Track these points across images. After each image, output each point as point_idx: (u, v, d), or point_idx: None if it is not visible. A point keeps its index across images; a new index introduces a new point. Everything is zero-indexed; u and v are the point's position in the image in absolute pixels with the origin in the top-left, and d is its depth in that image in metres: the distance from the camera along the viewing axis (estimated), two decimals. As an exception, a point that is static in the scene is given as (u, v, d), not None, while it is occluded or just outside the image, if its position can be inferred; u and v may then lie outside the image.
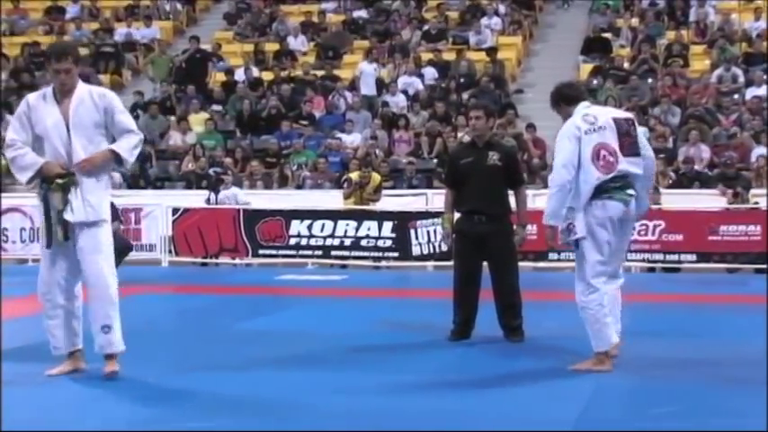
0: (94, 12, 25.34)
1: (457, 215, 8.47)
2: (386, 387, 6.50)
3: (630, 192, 6.92)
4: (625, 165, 6.87)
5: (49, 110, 6.59)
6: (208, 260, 15.99)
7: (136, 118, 20.33)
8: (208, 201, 16.38)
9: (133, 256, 14.19)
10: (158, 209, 15.98)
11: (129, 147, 6.68)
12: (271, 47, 22.90)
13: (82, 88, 6.65)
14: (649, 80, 19.91)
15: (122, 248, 13.60)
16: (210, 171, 18.12)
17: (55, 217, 6.54)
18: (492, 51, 21.05)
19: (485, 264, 8.31)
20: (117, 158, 6.73)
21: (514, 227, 8.34)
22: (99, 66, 22.89)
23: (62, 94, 6.60)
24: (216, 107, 20.70)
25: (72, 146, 6.52)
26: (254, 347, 8.13)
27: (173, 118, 20.46)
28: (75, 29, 24.31)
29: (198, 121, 20.04)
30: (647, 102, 19.06)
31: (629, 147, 6.93)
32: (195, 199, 16.75)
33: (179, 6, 25.38)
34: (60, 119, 6.55)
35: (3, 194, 17.96)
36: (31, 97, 6.72)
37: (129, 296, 11.95)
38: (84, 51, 23.27)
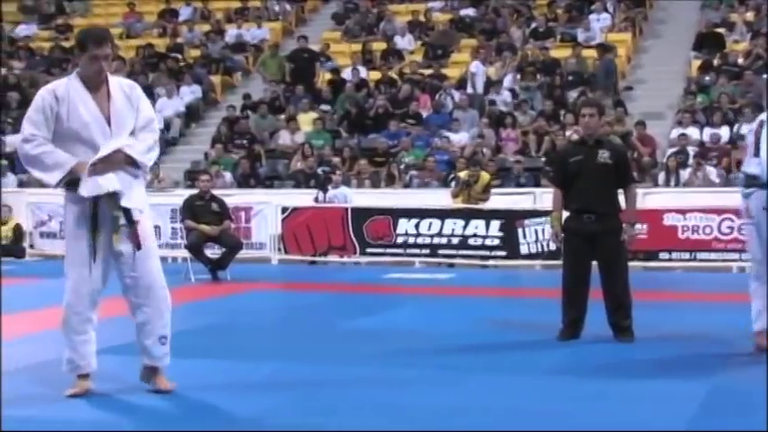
0: (206, 13, 25.83)
1: (565, 214, 8.39)
2: (494, 387, 6.47)
3: None
4: None
5: (84, 102, 5.84)
6: (316, 258, 16.14)
7: (245, 118, 20.71)
8: (316, 199, 16.53)
9: (243, 254, 14.43)
10: (268, 207, 16.19)
11: (143, 149, 6.00)
12: (378, 46, 23.01)
13: (113, 79, 5.97)
14: (764, 76, 19.39)
15: (233, 246, 13.88)
16: (319, 170, 18.29)
17: (113, 223, 5.90)
18: (602, 48, 20.77)
19: (594, 263, 8.21)
20: (132, 162, 5.99)
21: (623, 226, 8.22)
22: (210, 67, 23.31)
23: (95, 84, 5.87)
24: (324, 107, 20.90)
25: (107, 145, 5.87)
26: (363, 345, 8.19)
27: (282, 117, 20.72)
28: (188, 30, 24.82)
29: (306, 120, 20.25)
30: (764, 98, 18.57)
31: None
32: (304, 198, 16.92)
33: (288, 7, 25.68)
34: (98, 112, 5.85)
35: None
36: (58, 88, 5.87)
37: (239, 293, 12.23)
38: (195, 53, 23.80)
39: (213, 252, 14.05)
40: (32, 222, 17.15)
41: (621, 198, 8.31)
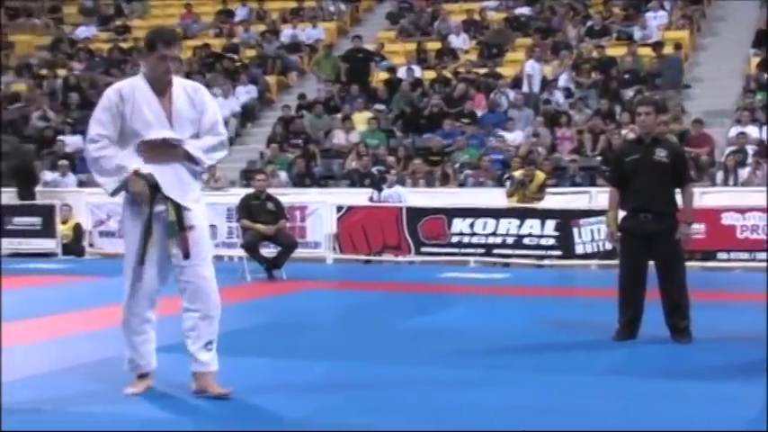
0: (262, 14, 25.98)
1: (622, 213, 8.32)
2: (552, 387, 6.44)
3: None
4: None
5: (148, 102, 5.79)
6: (371, 257, 16.16)
7: (301, 117, 20.81)
8: (371, 199, 16.56)
9: (298, 253, 14.50)
10: (323, 207, 16.25)
11: (205, 147, 5.90)
12: (433, 45, 23.00)
13: (177, 80, 5.91)
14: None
15: (288, 245, 13.95)
16: (374, 169, 18.32)
17: (169, 228, 5.83)
18: (658, 46, 20.57)
19: (651, 263, 8.14)
20: (191, 159, 5.90)
21: (680, 225, 8.13)
22: (265, 67, 23.46)
23: (161, 85, 5.81)
24: (379, 106, 20.92)
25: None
26: (419, 344, 8.19)
27: (337, 117, 20.78)
28: (244, 31, 24.99)
29: (361, 119, 20.29)
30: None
31: None
32: (359, 197, 16.96)
33: (343, 7, 25.75)
34: (162, 113, 5.79)
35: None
36: (124, 87, 5.85)
37: (294, 292, 12.29)
38: (251, 53, 23.96)
39: (269, 251, 14.13)
40: (92, 222, 17.38)
41: (679, 197, 8.22)
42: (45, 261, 16.58)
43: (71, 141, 21.32)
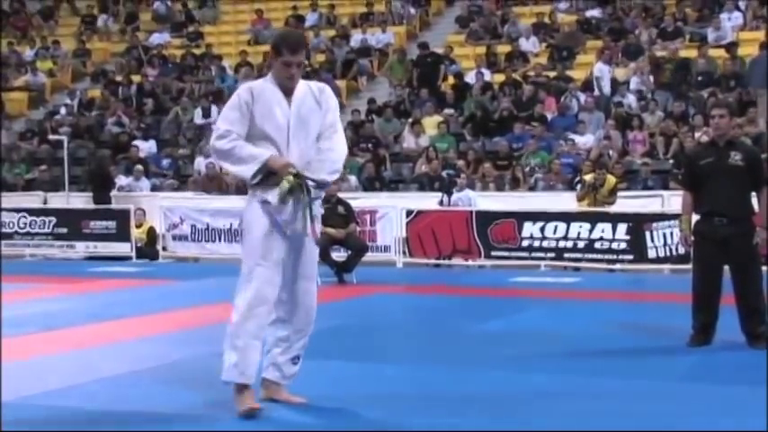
0: (332, 19, 26.12)
1: (695, 217, 8.20)
2: (625, 391, 6.38)
3: None
4: None
5: (279, 104, 5.71)
6: (441, 261, 16.13)
7: (370, 122, 20.88)
8: (441, 202, 16.54)
9: (369, 257, 14.52)
10: (393, 211, 16.26)
11: (329, 169, 5.80)
12: (502, 49, 22.91)
13: (302, 82, 5.83)
14: None
15: (359, 249, 13.99)
16: (443, 173, 18.29)
17: (305, 213, 5.69)
18: (732, 47, 20.24)
19: (726, 267, 8.01)
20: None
21: (756, 229, 7.99)
22: (335, 71, 23.57)
23: (286, 89, 5.74)
24: (448, 110, 20.90)
25: (289, 149, 5.69)
26: (493, 348, 8.16)
27: (406, 121, 20.80)
28: (314, 36, 25.14)
29: (431, 123, 20.29)
30: None
31: None
32: (429, 201, 16.93)
33: (412, 11, 25.77)
34: (290, 115, 5.72)
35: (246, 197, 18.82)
36: (255, 87, 5.76)
37: (365, 296, 12.31)
38: (321, 58, 24.10)
39: (339, 255, 14.18)
40: (165, 225, 17.60)
41: (755, 201, 8.09)
42: (120, 264, 16.83)
43: (145, 146, 21.65)
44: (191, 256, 17.61)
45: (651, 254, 14.72)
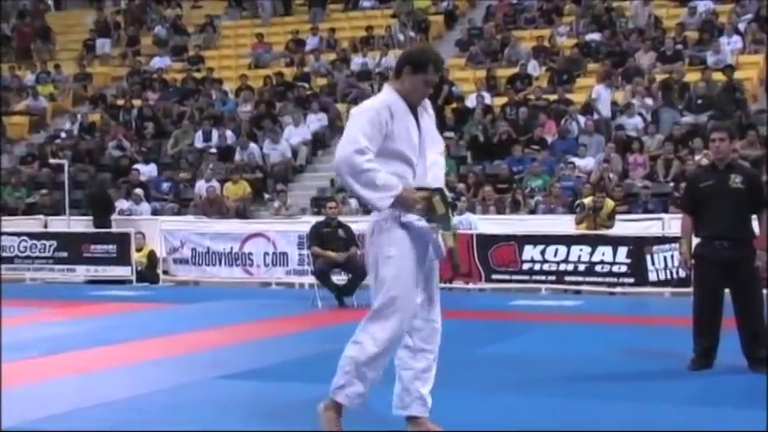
0: (332, 43, 26.21)
1: (696, 240, 8.22)
2: (626, 416, 6.38)
3: None
4: None
5: (410, 122, 5.57)
6: (441, 285, 16.10)
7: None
8: (441, 226, 16.52)
9: (369, 280, 14.50)
10: (394, 234, 16.23)
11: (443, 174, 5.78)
12: (503, 72, 22.99)
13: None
14: None
15: (359, 273, 13.98)
16: (444, 196, 18.28)
17: (447, 221, 5.61)
18: (729, 70, 20.31)
19: (727, 291, 8.02)
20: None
21: (757, 252, 8.00)
22: (336, 95, 23.64)
23: (413, 106, 5.64)
24: (448, 133, 20.93)
25: (418, 165, 5.56)
26: (497, 371, 8.16)
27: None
28: (314, 60, 25.23)
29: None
30: None
31: None
32: (429, 224, 16.93)
33: (413, 35, 25.86)
34: (417, 134, 5.59)
35: (248, 221, 18.87)
36: (391, 104, 5.54)
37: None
38: (322, 82, 24.18)
39: (340, 278, 14.19)
40: (165, 249, 17.62)
41: (755, 224, 8.11)
42: (120, 288, 16.84)
43: (145, 170, 21.70)
44: (191, 279, 17.61)
45: (652, 277, 14.73)
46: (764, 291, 8.14)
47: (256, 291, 16.69)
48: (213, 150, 21.92)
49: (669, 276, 14.57)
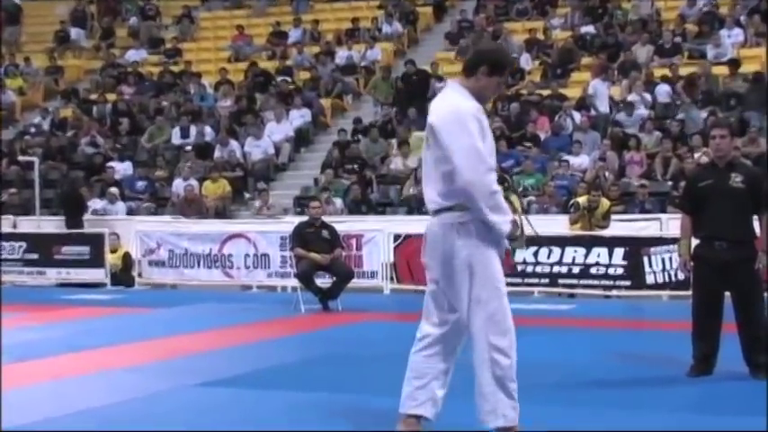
0: (316, 35, 26.21)
1: (695, 241, 8.25)
2: (621, 424, 6.40)
3: None
4: None
5: (489, 129, 5.61)
6: (424, 287, 16.14)
7: (356, 142, 20.95)
8: (430, 226, 16.54)
9: (354, 283, 14.53)
10: (380, 235, 16.28)
11: None
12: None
13: None
14: None
15: (344, 275, 14.00)
16: (432, 196, 18.31)
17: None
18: (733, 64, 20.39)
19: (727, 294, 8.05)
20: None
21: (758, 254, 8.03)
22: (319, 90, 23.63)
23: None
24: (437, 130, 20.92)
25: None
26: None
27: (393, 141, 20.85)
28: (297, 53, 25.22)
29: (419, 144, 20.33)
30: None
31: None
32: (417, 224, 16.90)
33: (400, 27, 25.89)
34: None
35: (227, 221, 18.85)
36: (478, 110, 5.51)
37: (351, 324, 12.31)
38: (304, 75, 24.18)
39: (323, 281, 14.18)
40: (141, 251, 17.58)
41: (756, 225, 8.13)
42: (94, 291, 16.79)
43: (120, 168, 21.65)
44: (168, 282, 17.58)
45: (649, 279, 14.76)
46: (766, 294, 8.19)
47: (236, 294, 16.67)
48: (191, 147, 21.89)
49: (667, 279, 14.59)
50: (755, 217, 8.11)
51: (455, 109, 5.43)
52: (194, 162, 21.15)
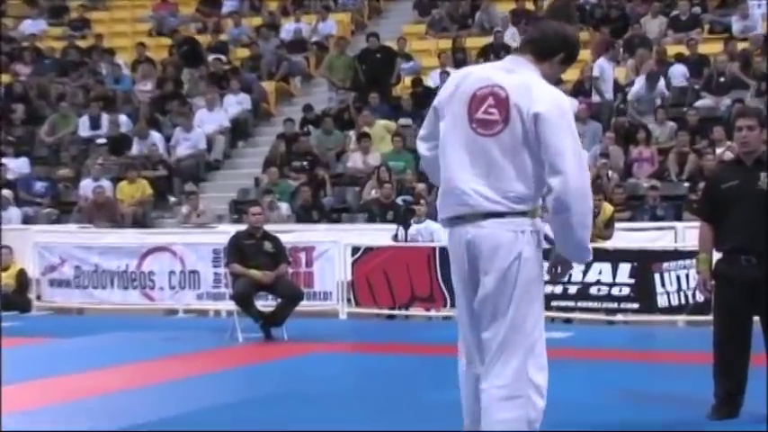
0: (257, 4, 26.19)
1: (717, 255, 8.30)
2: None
3: None
4: None
5: None
6: (396, 312, 16.16)
7: (306, 135, 20.95)
8: (396, 237, 16.58)
9: (303, 306, 14.50)
10: (334, 248, 16.27)
11: None
12: (473, 42, 23.09)
13: None
14: None
15: (291, 297, 13.97)
16: (399, 200, 18.35)
17: None
18: (763, 41, 20.56)
19: (756, 319, 8.10)
20: None
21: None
22: (261, 71, 23.60)
23: None
24: (404, 120, 20.99)
25: None
26: (456, 422, 8.15)
27: (351, 134, 20.85)
28: (234, 25, 25.20)
29: (383, 137, 20.36)
30: None
31: None
32: (380, 235, 16.98)
33: (359, -6, 25.95)
34: None
35: (148, 230, 18.78)
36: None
37: (298, 356, 12.28)
38: (243, 53, 24.15)
39: (266, 304, 14.15)
40: (40, 267, 17.46)
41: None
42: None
43: (14, 165, 21.50)
44: (74, 306, 17.47)
45: (661, 302, 14.84)
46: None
47: (159, 320, 16.59)
48: (103, 140, 21.79)
49: (683, 301, 14.69)
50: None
51: (559, 101, 5.48)
52: (107, 158, 21.05)
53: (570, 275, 14.97)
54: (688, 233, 14.86)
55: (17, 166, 21.63)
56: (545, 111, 5.37)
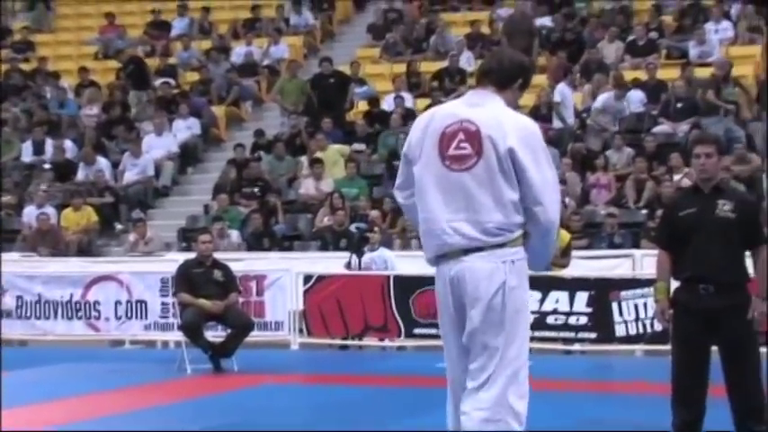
0: (206, 27, 26.15)
1: (675, 284, 8.34)
2: None
3: None
4: None
5: None
6: (349, 342, 16.15)
7: (257, 160, 20.92)
8: (349, 265, 16.57)
9: (254, 336, 14.47)
10: (286, 276, 16.24)
11: None
12: (428, 67, 23.15)
13: None
14: None
15: (241, 327, 13.93)
16: (352, 227, 18.35)
17: None
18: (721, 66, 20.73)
19: (714, 349, 8.14)
20: None
21: (753, 300, 8.13)
22: (211, 95, 23.56)
23: None
24: (358, 145, 20.99)
25: None
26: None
27: (304, 159, 20.84)
28: (183, 49, 25.13)
29: (335, 163, 20.35)
30: None
31: None
32: (333, 263, 16.96)
33: (311, 18, 25.92)
34: None
35: (94, 259, 18.67)
36: None
37: (248, 387, 12.25)
38: (193, 77, 24.10)
39: (216, 334, 14.11)
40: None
41: (750, 263, 8.24)
42: None
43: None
44: (15, 338, 17.32)
45: (619, 331, 14.89)
46: (762, 349, 8.29)
47: (105, 351, 16.50)
48: (47, 166, 21.66)
49: (641, 330, 14.75)
50: (748, 254, 8.22)
51: (530, 128, 5.71)
52: (51, 185, 20.92)
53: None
54: (646, 261, 14.93)
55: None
56: (519, 144, 5.59)
